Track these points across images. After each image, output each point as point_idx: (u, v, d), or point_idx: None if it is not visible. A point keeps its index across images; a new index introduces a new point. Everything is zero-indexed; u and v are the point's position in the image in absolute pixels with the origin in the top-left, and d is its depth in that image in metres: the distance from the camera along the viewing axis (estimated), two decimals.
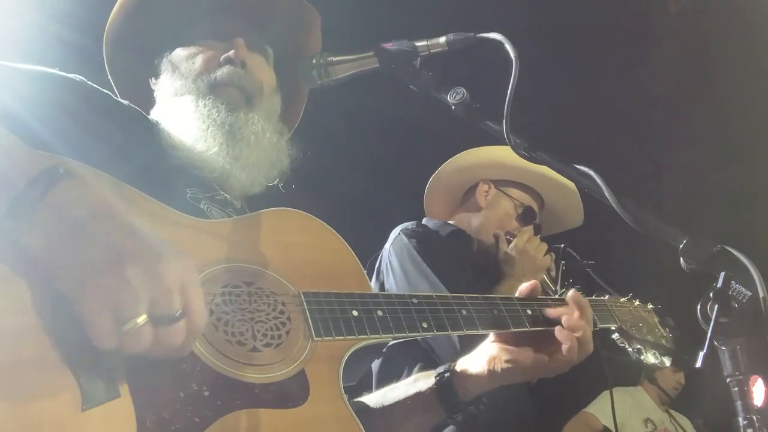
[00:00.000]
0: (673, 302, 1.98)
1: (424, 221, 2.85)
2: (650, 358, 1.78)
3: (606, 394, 4.32)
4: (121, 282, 0.95)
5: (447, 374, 1.58)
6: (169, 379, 1.08)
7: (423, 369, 2.31)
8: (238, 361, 1.16)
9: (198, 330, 1.04)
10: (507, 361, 1.53)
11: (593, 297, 1.85)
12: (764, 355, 1.07)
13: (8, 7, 3.00)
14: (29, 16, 2.97)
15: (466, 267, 2.61)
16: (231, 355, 1.16)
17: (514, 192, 2.81)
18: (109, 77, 1.75)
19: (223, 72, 1.58)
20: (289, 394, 1.18)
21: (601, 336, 1.75)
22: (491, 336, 1.59)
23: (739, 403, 1.05)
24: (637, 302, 1.96)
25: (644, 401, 4.83)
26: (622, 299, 1.93)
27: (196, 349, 1.13)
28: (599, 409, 4.32)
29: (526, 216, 2.77)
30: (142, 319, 0.96)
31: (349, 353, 1.29)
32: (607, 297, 1.90)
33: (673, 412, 4.89)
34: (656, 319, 1.95)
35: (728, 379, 1.07)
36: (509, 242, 2.66)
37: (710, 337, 1.07)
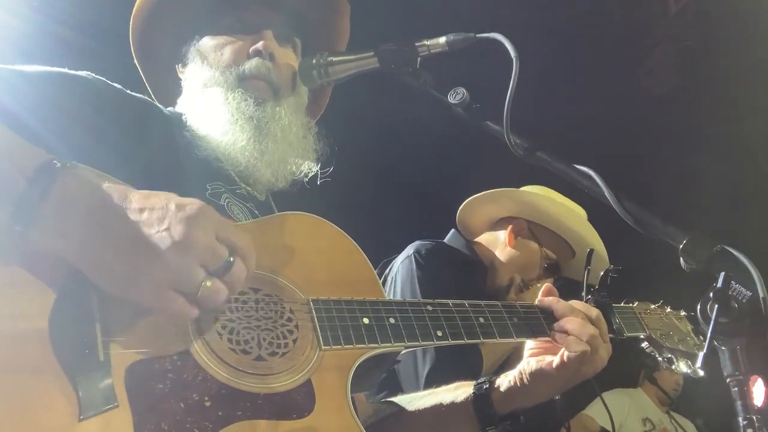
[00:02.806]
0: (673, 302, 1.97)
1: (447, 238, 2.83)
2: (682, 367, 1.73)
3: (603, 395, 4.33)
4: (165, 266, 1.00)
5: (485, 386, 1.56)
6: (170, 388, 1.05)
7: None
8: (242, 371, 1.13)
9: (253, 254, 1.11)
10: (531, 373, 1.51)
11: (621, 304, 1.80)
12: (764, 355, 1.07)
13: (8, 7, 3.00)
14: (29, 16, 2.97)
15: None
16: (234, 363, 1.13)
17: (546, 240, 2.74)
18: (135, 61, 1.75)
19: (251, 65, 1.58)
20: (294, 404, 1.14)
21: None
22: (528, 350, 1.57)
23: (739, 403, 1.05)
24: (668, 309, 1.91)
25: (643, 401, 4.87)
26: (653, 306, 1.88)
27: (198, 358, 1.10)
28: (597, 411, 4.34)
29: (550, 270, 2.75)
30: (208, 280, 1.03)
31: (358, 362, 1.25)
32: (636, 304, 1.84)
33: (674, 413, 4.90)
34: (689, 327, 1.89)
35: (728, 379, 1.06)
36: (521, 290, 2.63)
37: (710, 337, 1.07)
